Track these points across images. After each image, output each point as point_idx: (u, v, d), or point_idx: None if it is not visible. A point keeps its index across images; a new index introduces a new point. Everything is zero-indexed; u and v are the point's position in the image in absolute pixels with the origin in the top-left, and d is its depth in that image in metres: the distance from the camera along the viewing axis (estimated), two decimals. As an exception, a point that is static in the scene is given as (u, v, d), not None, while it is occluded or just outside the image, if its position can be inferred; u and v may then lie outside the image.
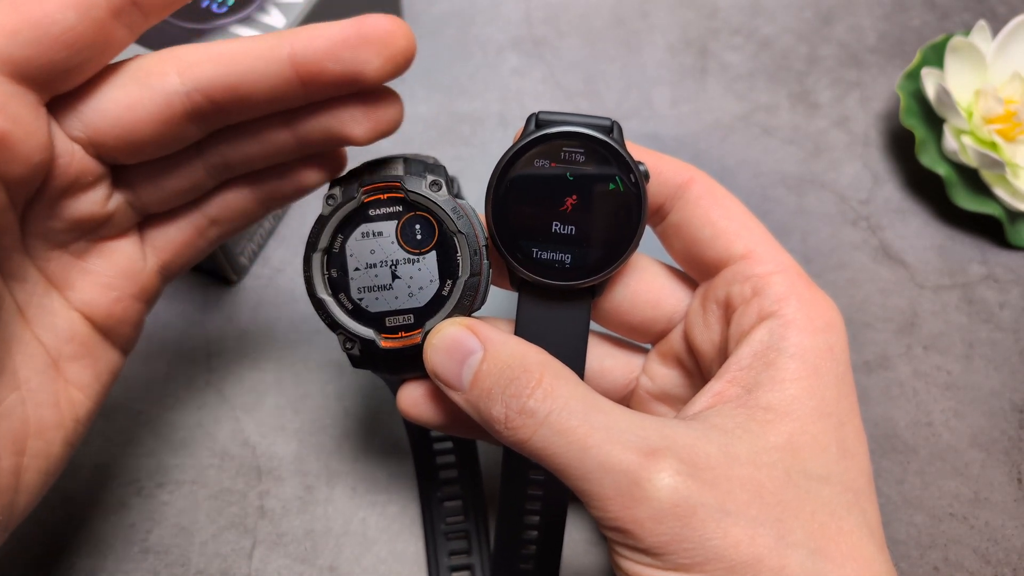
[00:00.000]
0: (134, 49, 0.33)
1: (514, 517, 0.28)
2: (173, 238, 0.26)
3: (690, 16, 0.49)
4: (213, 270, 0.38)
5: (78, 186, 0.22)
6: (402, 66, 0.22)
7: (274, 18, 0.35)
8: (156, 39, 0.33)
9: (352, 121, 0.23)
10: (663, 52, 0.47)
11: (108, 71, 0.22)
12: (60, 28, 0.20)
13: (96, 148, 0.22)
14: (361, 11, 0.41)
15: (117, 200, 0.24)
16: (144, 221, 0.26)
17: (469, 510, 0.32)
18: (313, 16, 0.36)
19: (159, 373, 0.36)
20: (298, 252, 0.39)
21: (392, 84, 0.48)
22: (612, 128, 0.25)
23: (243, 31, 0.34)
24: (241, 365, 0.37)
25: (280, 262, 0.40)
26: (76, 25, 0.20)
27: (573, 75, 0.46)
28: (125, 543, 0.33)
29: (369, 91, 0.23)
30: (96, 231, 0.24)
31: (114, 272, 0.25)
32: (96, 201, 0.23)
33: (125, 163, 0.23)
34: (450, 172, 0.42)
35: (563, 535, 0.28)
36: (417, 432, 0.31)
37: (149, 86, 0.21)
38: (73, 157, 0.22)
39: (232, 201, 0.26)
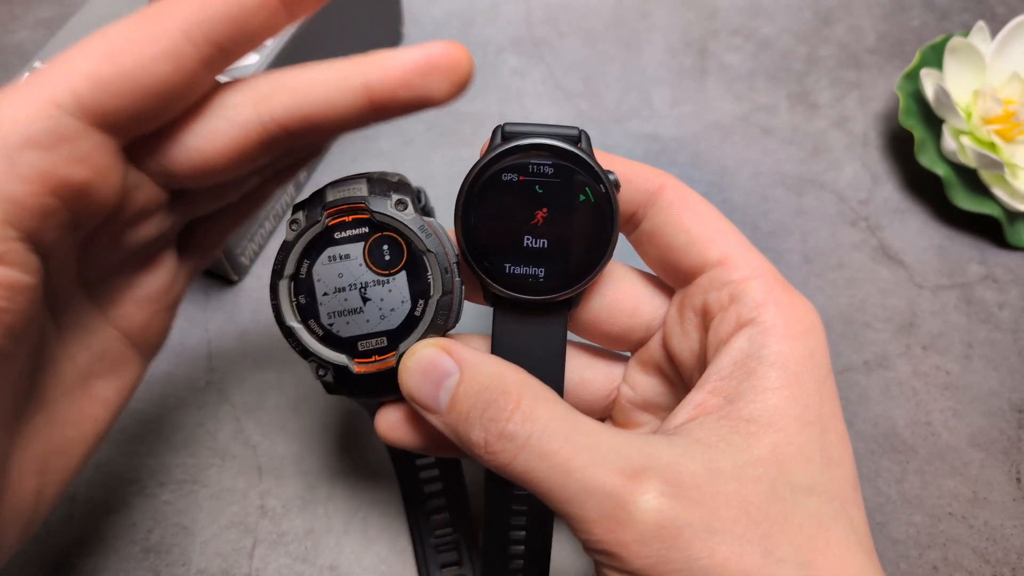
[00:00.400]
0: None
1: (500, 533, 0.27)
2: (206, 238, 0.26)
3: (690, 17, 0.49)
4: (214, 270, 0.38)
5: (142, 216, 0.22)
6: (465, 87, 0.23)
7: (275, 19, 0.35)
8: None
9: (433, 88, 0.22)
10: (663, 52, 0.47)
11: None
12: (153, 80, 0.19)
13: (166, 179, 0.22)
14: (362, 13, 0.41)
15: (172, 219, 0.24)
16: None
17: (458, 531, 0.32)
18: (314, 17, 0.36)
19: (160, 373, 0.36)
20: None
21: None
22: (580, 138, 0.24)
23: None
24: (242, 365, 0.37)
25: (281, 262, 0.40)
26: (169, 77, 0.20)
27: (573, 76, 0.46)
28: (126, 542, 0.33)
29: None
30: (148, 250, 0.24)
31: (156, 286, 0.25)
32: (155, 226, 0.23)
33: (190, 188, 0.23)
34: (450, 173, 0.43)
35: (550, 547, 0.28)
36: (400, 454, 0.31)
37: (227, 119, 0.21)
38: (141, 191, 0.22)
39: (268, 192, 0.26)
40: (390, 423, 0.26)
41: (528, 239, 0.24)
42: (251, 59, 0.34)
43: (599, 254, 0.24)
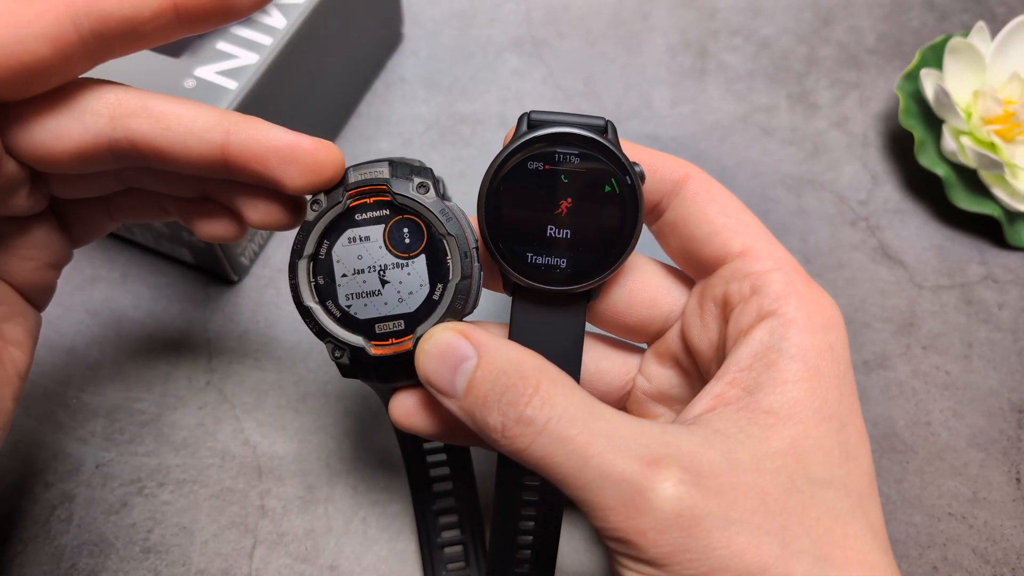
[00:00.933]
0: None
1: (509, 523, 0.27)
2: (84, 218, 0.27)
3: (690, 17, 0.49)
4: (214, 270, 0.38)
5: (7, 187, 0.23)
6: (321, 187, 0.24)
7: (275, 19, 0.35)
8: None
9: (286, 175, 0.24)
10: (663, 53, 0.48)
11: (46, 94, 0.22)
12: (30, 57, 0.20)
13: (19, 156, 0.23)
14: (362, 13, 0.41)
15: (35, 191, 0.25)
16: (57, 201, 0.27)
17: (465, 521, 0.32)
18: (314, 17, 0.36)
19: (160, 373, 0.36)
20: (299, 252, 0.40)
21: (393, 84, 0.48)
22: (606, 128, 0.24)
23: (244, 32, 0.34)
24: (242, 365, 0.37)
25: (280, 262, 0.40)
26: (45, 57, 0.20)
27: (573, 76, 0.46)
28: (126, 543, 0.33)
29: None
30: (15, 215, 0.25)
31: (31, 246, 0.26)
32: (19, 195, 0.24)
33: (43, 171, 0.24)
34: (450, 173, 0.43)
35: (558, 540, 0.28)
36: (409, 442, 0.31)
37: (81, 122, 0.22)
38: (8, 160, 0.22)
39: (143, 202, 0.27)
40: (405, 409, 0.26)
41: (551, 229, 0.24)
42: (251, 58, 0.34)
43: (622, 246, 0.24)
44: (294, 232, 0.25)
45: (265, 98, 0.34)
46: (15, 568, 0.32)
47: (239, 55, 0.34)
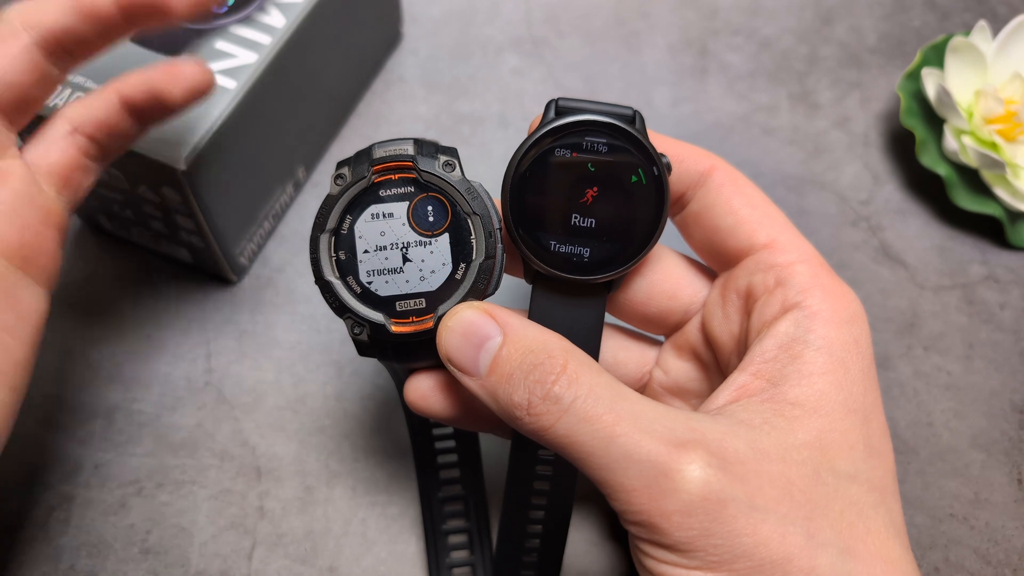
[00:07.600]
0: (132, 48, 0.33)
1: (519, 512, 0.27)
2: (58, 160, 0.26)
3: (690, 16, 0.49)
4: (212, 270, 0.38)
5: None
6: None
7: (274, 18, 0.35)
8: (158, 39, 0.33)
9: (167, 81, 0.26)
10: (663, 52, 0.47)
11: None
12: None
13: None
14: (361, 12, 0.41)
15: None
16: (25, 150, 0.26)
17: (470, 508, 0.32)
18: (313, 16, 0.36)
19: (158, 373, 0.36)
20: (298, 252, 0.39)
21: (393, 84, 0.48)
22: (634, 118, 0.24)
23: (243, 31, 0.34)
24: (241, 365, 0.37)
25: (280, 262, 0.40)
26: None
27: (573, 75, 0.46)
28: (125, 543, 0.33)
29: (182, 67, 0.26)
30: None
31: (10, 198, 0.24)
32: None
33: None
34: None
35: (567, 532, 0.28)
36: (420, 427, 0.30)
37: (12, 45, 0.24)
38: None
39: (104, 116, 0.27)
40: (420, 391, 0.26)
41: (576, 218, 0.24)
42: (250, 58, 0.33)
43: (646, 237, 0.24)
44: (294, 234, 0.25)
45: (264, 97, 0.34)
46: (13, 569, 0.32)
47: (238, 54, 0.34)
